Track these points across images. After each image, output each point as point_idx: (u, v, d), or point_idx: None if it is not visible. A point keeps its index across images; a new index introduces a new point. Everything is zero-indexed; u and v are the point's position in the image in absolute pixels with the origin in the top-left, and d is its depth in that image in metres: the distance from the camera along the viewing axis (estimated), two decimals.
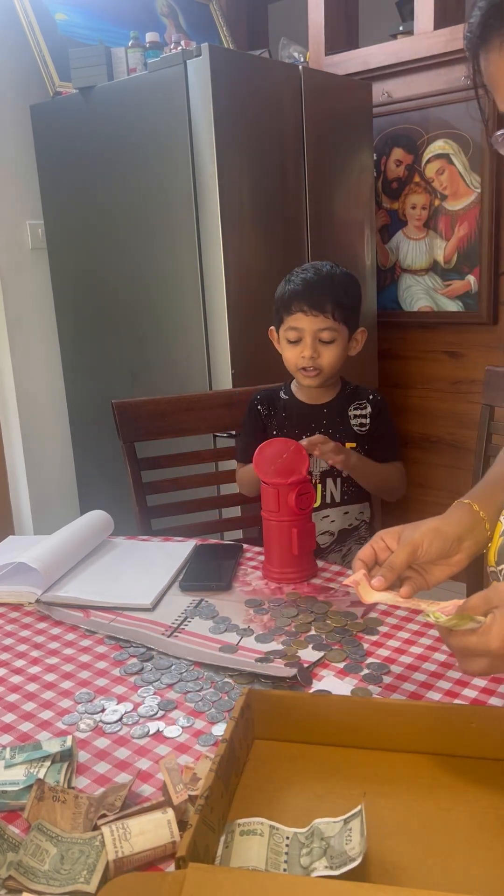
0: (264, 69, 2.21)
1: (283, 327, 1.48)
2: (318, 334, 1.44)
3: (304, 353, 1.45)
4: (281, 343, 1.51)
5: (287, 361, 1.50)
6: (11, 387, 2.61)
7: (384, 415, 1.55)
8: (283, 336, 1.49)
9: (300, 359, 1.46)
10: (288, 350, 1.48)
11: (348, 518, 1.55)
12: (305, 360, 1.45)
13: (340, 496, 1.52)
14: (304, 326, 1.44)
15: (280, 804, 0.69)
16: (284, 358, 1.50)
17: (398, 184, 2.76)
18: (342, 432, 1.51)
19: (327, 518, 1.53)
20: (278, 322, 1.50)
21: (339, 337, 1.46)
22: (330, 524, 1.53)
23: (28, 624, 1.12)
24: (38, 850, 0.64)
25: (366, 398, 1.55)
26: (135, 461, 1.71)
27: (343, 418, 1.53)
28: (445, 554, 0.91)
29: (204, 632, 1.06)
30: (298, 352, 1.46)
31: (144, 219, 2.23)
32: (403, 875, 0.61)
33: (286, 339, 1.48)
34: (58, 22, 2.42)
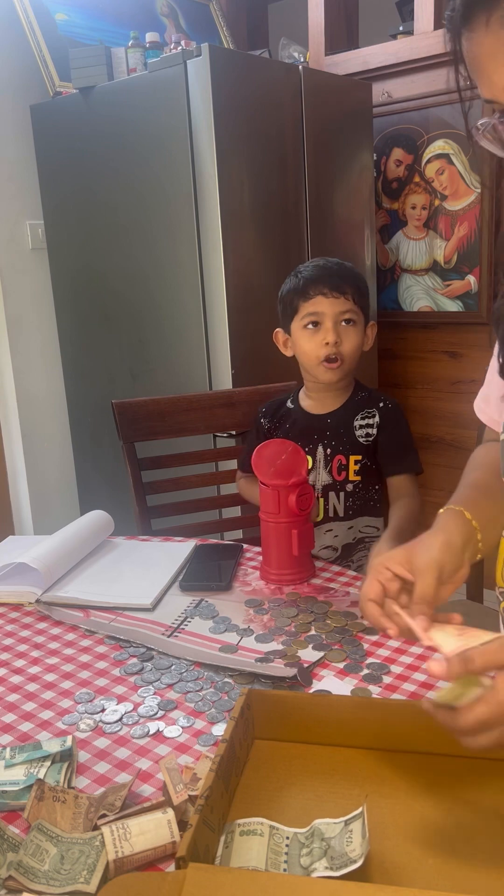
0: (264, 69, 2.21)
1: (298, 316, 1.41)
2: (341, 317, 1.39)
3: (326, 338, 1.38)
4: (297, 336, 1.43)
5: (306, 355, 1.42)
6: (11, 387, 2.61)
7: (395, 423, 1.45)
8: (299, 326, 1.41)
9: (322, 347, 1.38)
10: (306, 340, 1.41)
11: (352, 532, 1.48)
12: (329, 348, 1.38)
13: (344, 511, 1.46)
14: (324, 310, 1.38)
15: (280, 804, 0.69)
16: (302, 351, 1.42)
17: (398, 184, 2.76)
18: (345, 444, 1.45)
19: (330, 532, 1.46)
20: (291, 313, 1.42)
21: (359, 322, 1.41)
22: (333, 539, 1.47)
23: (28, 624, 1.12)
24: (38, 850, 0.64)
25: (375, 406, 1.46)
26: (135, 461, 1.71)
27: (347, 429, 1.45)
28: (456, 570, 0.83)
29: (204, 632, 1.06)
30: (320, 339, 1.39)
31: (144, 219, 2.23)
32: (403, 875, 0.61)
33: (303, 327, 1.40)
34: (58, 22, 2.42)
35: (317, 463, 1.46)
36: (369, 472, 1.47)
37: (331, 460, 1.46)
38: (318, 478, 1.46)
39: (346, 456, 1.45)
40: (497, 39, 0.65)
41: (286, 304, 1.44)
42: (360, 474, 1.46)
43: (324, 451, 1.46)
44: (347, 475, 1.46)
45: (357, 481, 1.46)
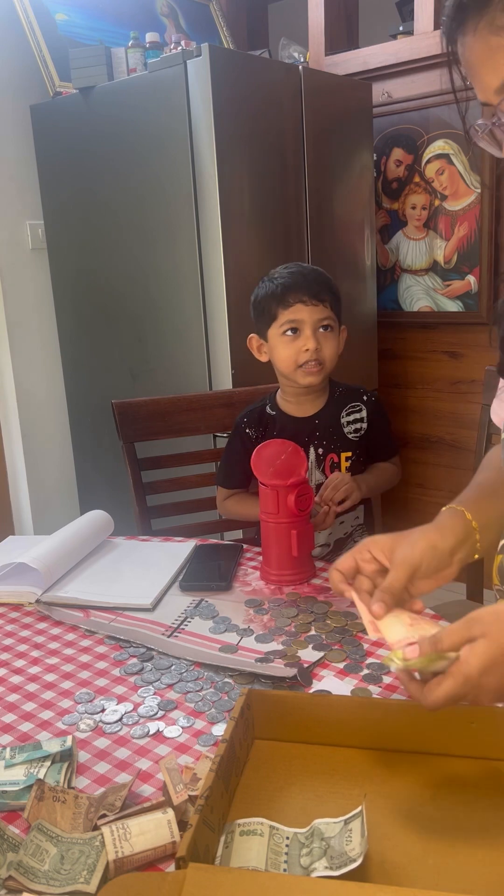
0: (264, 69, 2.21)
1: (277, 323, 1.41)
2: (319, 323, 1.39)
3: (306, 345, 1.38)
4: (274, 343, 1.43)
5: (284, 360, 1.42)
6: (11, 387, 2.61)
7: (380, 413, 1.51)
8: (277, 333, 1.41)
9: (302, 353, 1.39)
10: (284, 348, 1.41)
11: (343, 527, 1.51)
12: (308, 354, 1.38)
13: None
14: (303, 317, 1.38)
15: (280, 804, 0.69)
16: (280, 358, 1.42)
17: (398, 184, 2.76)
18: (336, 443, 1.47)
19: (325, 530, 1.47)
20: (269, 320, 1.42)
21: (335, 327, 1.42)
22: (327, 536, 1.49)
23: (28, 624, 1.12)
24: (38, 850, 0.64)
25: (359, 399, 1.49)
26: (135, 461, 1.71)
27: (336, 427, 1.47)
28: (439, 570, 0.87)
29: (204, 632, 1.06)
30: (299, 346, 1.39)
31: (144, 219, 2.23)
32: (403, 875, 0.61)
33: (281, 334, 1.40)
34: (58, 22, 2.42)
35: (310, 464, 1.47)
36: (358, 466, 1.50)
37: (323, 460, 1.47)
38: (312, 477, 1.47)
39: (338, 454, 1.47)
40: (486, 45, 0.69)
41: (263, 311, 1.43)
42: (350, 470, 1.48)
43: (315, 452, 1.47)
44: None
45: None
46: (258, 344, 1.48)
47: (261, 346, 1.48)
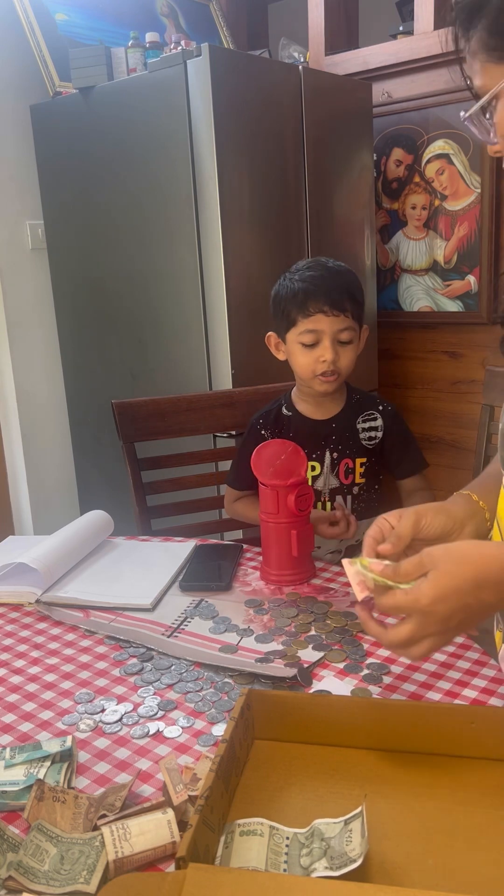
0: (264, 69, 2.21)
1: (296, 330, 1.38)
2: (339, 335, 1.37)
3: (324, 356, 1.36)
4: (292, 348, 1.40)
5: (301, 367, 1.40)
6: (11, 387, 2.61)
7: (399, 424, 1.48)
8: (295, 340, 1.39)
9: (319, 364, 1.37)
10: (302, 355, 1.38)
11: (357, 534, 1.46)
12: (326, 365, 1.36)
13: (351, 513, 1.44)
14: (323, 328, 1.36)
15: (280, 804, 0.69)
16: (298, 364, 1.40)
17: (398, 184, 2.76)
18: (352, 448, 1.45)
19: None
20: (288, 325, 1.39)
21: (356, 337, 1.40)
22: (339, 542, 1.45)
23: (28, 624, 1.12)
24: (37, 850, 0.64)
25: (375, 409, 1.47)
26: (135, 461, 1.71)
27: (352, 433, 1.46)
28: (448, 532, 0.90)
29: (204, 632, 1.06)
30: (317, 356, 1.36)
31: (144, 219, 2.23)
32: (403, 875, 0.61)
33: (300, 344, 1.38)
34: (58, 22, 2.42)
35: (325, 468, 1.46)
36: (373, 473, 1.49)
37: (338, 464, 1.46)
38: (327, 482, 1.46)
39: (353, 459, 1.46)
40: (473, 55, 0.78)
41: (283, 313, 1.40)
42: (364, 476, 1.47)
43: (331, 456, 1.46)
44: (354, 478, 1.46)
45: (362, 483, 1.47)
46: (276, 342, 1.45)
47: (279, 344, 1.45)
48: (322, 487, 1.46)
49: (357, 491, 1.47)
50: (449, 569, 0.75)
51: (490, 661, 0.94)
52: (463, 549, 0.78)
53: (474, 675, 0.92)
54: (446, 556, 0.76)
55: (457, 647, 0.98)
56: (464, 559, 0.76)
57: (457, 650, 0.97)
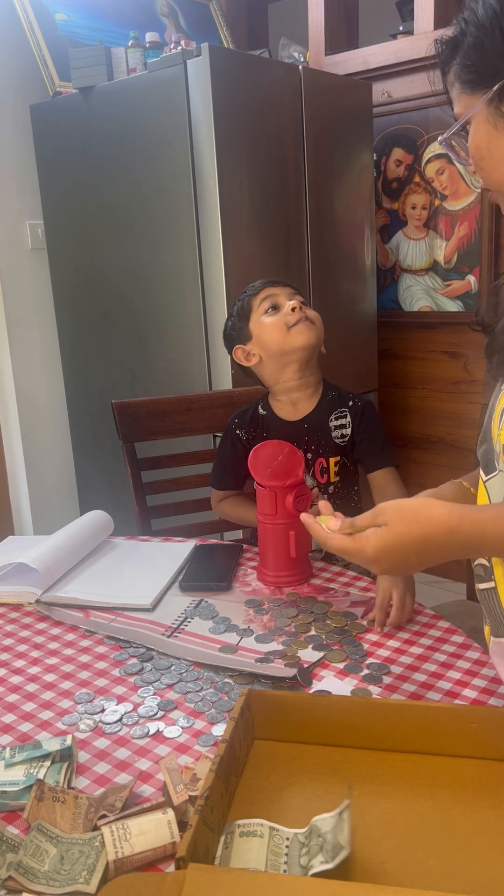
0: (264, 69, 2.21)
1: (255, 313, 1.44)
2: (294, 297, 1.43)
3: (292, 304, 1.41)
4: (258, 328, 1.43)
5: (272, 330, 1.41)
6: (11, 387, 2.61)
7: (368, 418, 1.47)
8: (258, 319, 1.43)
9: (288, 315, 1.40)
10: (270, 322, 1.42)
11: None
12: (295, 314, 1.40)
13: None
14: (277, 292, 1.44)
15: (280, 804, 0.69)
16: (268, 332, 1.42)
17: (398, 184, 2.76)
18: (324, 447, 1.46)
19: None
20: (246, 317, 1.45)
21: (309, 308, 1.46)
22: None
23: (28, 624, 1.12)
24: (37, 850, 0.64)
25: (345, 405, 1.48)
26: (135, 461, 1.71)
27: (324, 432, 1.46)
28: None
29: (204, 632, 1.06)
30: (283, 312, 1.41)
31: (144, 219, 2.23)
32: (403, 875, 0.61)
33: (263, 314, 1.43)
34: (58, 22, 2.42)
35: None
36: (348, 471, 1.48)
37: (313, 464, 1.46)
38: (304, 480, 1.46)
39: (327, 458, 1.46)
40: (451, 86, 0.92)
41: (239, 317, 1.47)
42: (339, 475, 1.47)
43: (304, 456, 1.46)
44: (329, 477, 1.46)
45: (337, 482, 1.47)
46: (243, 352, 1.47)
47: (247, 351, 1.47)
48: None
49: (333, 490, 1.47)
50: (397, 528, 0.80)
51: (490, 661, 0.94)
52: (414, 509, 0.81)
53: (474, 675, 0.92)
54: (397, 514, 0.81)
55: (457, 648, 0.98)
56: (413, 520, 0.79)
57: (457, 650, 0.97)
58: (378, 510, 0.83)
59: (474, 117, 0.89)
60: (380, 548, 0.80)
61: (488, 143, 0.88)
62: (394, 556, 0.80)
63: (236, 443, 1.50)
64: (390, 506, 0.82)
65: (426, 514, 0.80)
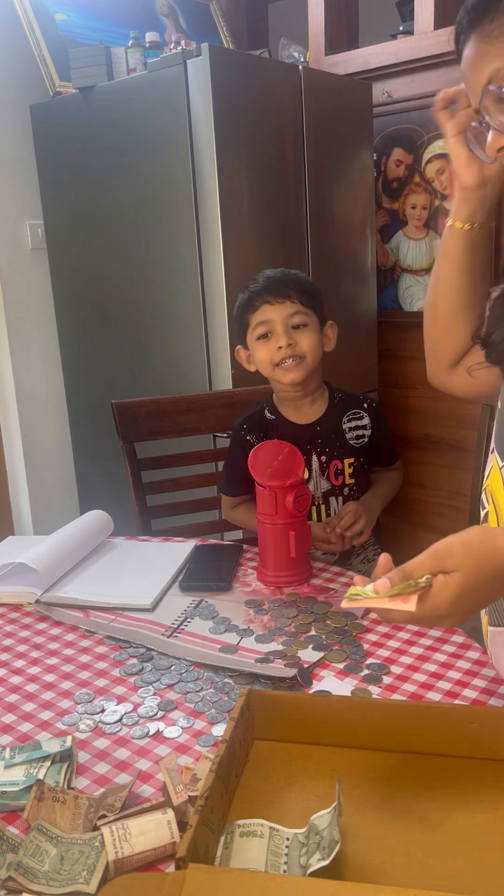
0: (264, 69, 2.21)
1: (250, 330, 1.41)
2: (289, 320, 1.38)
3: (279, 342, 1.37)
4: (252, 349, 1.43)
5: (262, 362, 1.41)
6: (11, 387, 2.61)
7: (382, 420, 1.51)
8: (252, 339, 1.41)
9: (275, 352, 1.38)
10: (260, 350, 1.40)
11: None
12: (282, 351, 1.37)
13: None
14: (272, 317, 1.38)
15: (280, 805, 0.69)
16: (258, 360, 1.42)
17: (398, 184, 2.76)
18: (339, 450, 1.45)
19: None
20: (243, 328, 1.43)
21: (311, 322, 1.40)
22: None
23: (28, 624, 1.12)
24: (37, 850, 0.64)
25: (360, 407, 1.48)
26: (135, 461, 1.71)
27: (338, 434, 1.46)
28: None
29: (204, 632, 1.06)
30: (272, 345, 1.38)
31: (144, 218, 2.23)
32: (403, 875, 0.61)
33: (255, 339, 1.40)
34: (58, 22, 2.42)
35: (313, 472, 1.46)
36: (362, 473, 1.49)
37: (327, 467, 1.46)
38: (318, 485, 1.46)
39: (341, 460, 1.46)
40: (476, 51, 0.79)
41: (239, 321, 1.45)
42: (354, 476, 1.47)
43: (318, 459, 1.46)
44: (344, 479, 1.46)
45: (351, 484, 1.47)
46: (245, 355, 1.47)
47: (248, 356, 1.47)
48: (314, 491, 1.45)
49: (347, 492, 1.47)
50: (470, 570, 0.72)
51: (490, 661, 0.94)
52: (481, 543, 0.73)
53: (474, 675, 0.92)
54: (466, 555, 0.72)
55: (457, 648, 0.98)
56: (483, 556, 0.72)
57: (457, 650, 0.97)
58: (442, 553, 0.73)
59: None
60: (455, 599, 0.72)
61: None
62: (468, 602, 0.73)
63: (246, 448, 1.46)
64: (456, 547, 0.73)
65: (493, 544, 0.73)
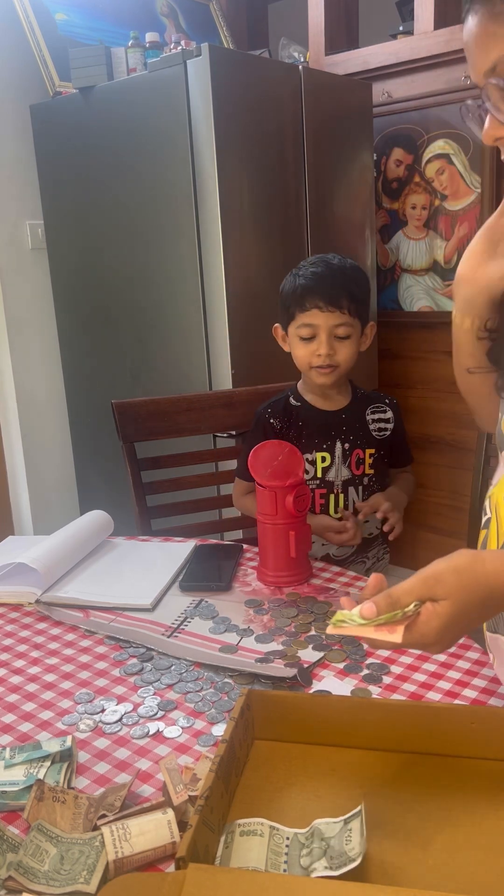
0: (264, 69, 2.21)
1: (294, 324, 1.41)
2: (335, 330, 1.39)
3: (319, 350, 1.39)
4: (291, 341, 1.44)
5: (299, 359, 1.44)
6: (11, 387, 2.61)
7: (400, 416, 1.54)
8: (294, 333, 1.42)
9: (315, 357, 1.40)
10: (300, 348, 1.42)
11: (368, 527, 1.49)
12: (321, 359, 1.39)
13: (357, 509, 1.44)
14: (319, 323, 1.38)
15: (280, 804, 0.69)
16: (296, 356, 1.44)
17: (398, 184, 2.76)
18: (362, 438, 1.47)
19: None
20: (288, 319, 1.43)
21: (354, 333, 1.41)
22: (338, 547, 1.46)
23: (28, 624, 1.12)
24: (37, 850, 0.64)
25: (382, 402, 1.52)
26: (135, 461, 1.71)
27: (362, 423, 1.48)
28: None
29: (204, 632, 1.06)
30: (313, 349, 1.40)
31: (144, 219, 2.23)
32: (403, 875, 0.61)
33: (299, 337, 1.41)
34: (58, 22, 2.42)
35: (336, 459, 1.47)
36: (382, 465, 1.51)
37: (350, 455, 1.47)
38: (339, 473, 1.47)
39: (363, 450, 1.47)
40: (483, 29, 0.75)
41: (284, 307, 1.44)
42: (373, 467, 1.49)
43: (342, 447, 1.47)
44: (364, 469, 1.48)
45: (371, 474, 1.49)
46: (282, 334, 1.48)
47: (284, 337, 1.48)
48: (334, 478, 1.46)
49: (367, 482, 1.48)
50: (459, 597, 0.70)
51: (490, 661, 0.94)
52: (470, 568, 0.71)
53: (474, 675, 0.92)
54: (456, 581, 0.70)
55: (457, 647, 0.98)
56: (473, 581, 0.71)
57: (457, 650, 0.97)
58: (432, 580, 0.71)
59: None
60: (443, 628, 0.70)
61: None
62: (456, 630, 0.71)
63: (269, 432, 1.47)
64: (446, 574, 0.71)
65: (482, 570, 0.71)
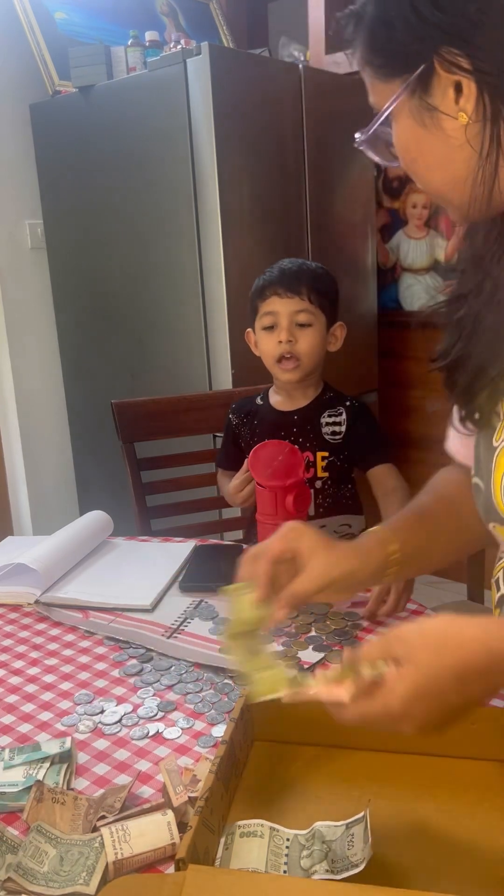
0: (264, 68, 2.21)
1: (258, 317, 1.44)
2: (294, 317, 1.40)
3: (280, 337, 1.40)
4: (258, 337, 1.46)
5: (265, 354, 1.45)
6: (11, 387, 2.61)
7: (364, 418, 1.48)
8: (259, 327, 1.44)
9: (277, 346, 1.41)
10: (264, 340, 1.44)
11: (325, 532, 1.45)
12: (282, 346, 1.40)
13: (315, 508, 1.44)
14: (278, 309, 1.40)
15: (280, 806, 0.69)
16: (261, 351, 1.46)
17: (399, 183, 2.76)
18: (312, 440, 1.46)
19: None
20: (253, 315, 1.46)
21: (317, 322, 1.41)
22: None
23: (27, 625, 1.12)
24: (37, 851, 0.64)
25: (342, 405, 1.48)
26: (135, 461, 1.71)
27: (314, 426, 1.47)
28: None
29: (204, 633, 1.06)
30: (275, 338, 1.41)
31: (144, 218, 2.23)
32: (404, 876, 0.61)
33: (261, 328, 1.43)
34: (57, 21, 2.42)
35: None
36: (339, 470, 1.47)
37: None
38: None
39: (314, 452, 1.46)
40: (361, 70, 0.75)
41: (251, 305, 1.48)
42: (327, 471, 1.46)
43: None
44: (315, 472, 1.46)
45: (325, 478, 1.46)
46: (253, 339, 1.50)
47: (255, 340, 1.50)
48: None
49: (320, 486, 1.46)
50: (423, 660, 0.61)
51: None
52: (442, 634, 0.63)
53: None
54: (422, 643, 0.62)
55: None
56: (443, 647, 0.62)
57: None
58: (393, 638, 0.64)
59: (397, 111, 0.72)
60: (409, 697, 0.60)
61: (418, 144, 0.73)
62: (430, 703, 0.61)
63: (229, 427, 1.59)
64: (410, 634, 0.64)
65: (457, 634, 0.62)
